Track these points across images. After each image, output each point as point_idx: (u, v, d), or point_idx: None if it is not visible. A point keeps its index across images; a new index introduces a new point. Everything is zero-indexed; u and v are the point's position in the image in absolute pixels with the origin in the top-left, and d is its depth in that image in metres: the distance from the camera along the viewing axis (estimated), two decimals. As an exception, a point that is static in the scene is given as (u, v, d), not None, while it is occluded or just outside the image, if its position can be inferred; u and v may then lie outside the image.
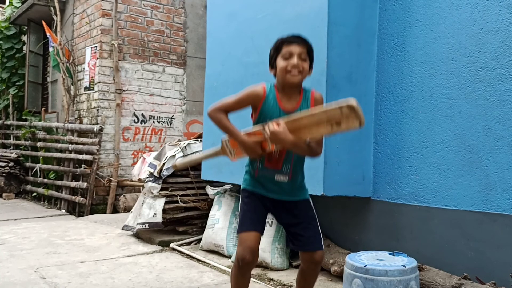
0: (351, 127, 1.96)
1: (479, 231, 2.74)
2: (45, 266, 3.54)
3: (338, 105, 1.94)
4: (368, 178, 3.34)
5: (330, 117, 1.96)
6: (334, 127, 1.97)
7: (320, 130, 2.02)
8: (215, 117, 2.23)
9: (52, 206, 7.12)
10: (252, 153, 2.18)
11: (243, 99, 2.21)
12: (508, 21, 2.67)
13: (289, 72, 2.14)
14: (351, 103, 1.91)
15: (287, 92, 2.21)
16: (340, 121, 1.95)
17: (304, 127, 2.04)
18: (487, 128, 2.73)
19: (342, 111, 1.93)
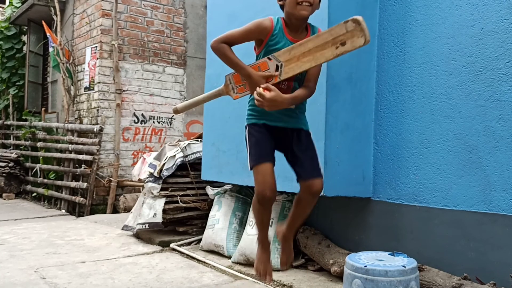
0: (356, 45, 1.93)
1: (479, 232, 2.74)
2: (45, 267, 3.54)
3: (342, 22, 1.93)
4: (368, 178, 3.34)
5: (335, 36, 1.94)
6: (340, 47, 1.95)
7: (324, 53, 1.99)
8: (219, 49, 2.19)
9: (52, 206, 7.13)
10: (257, 84, 2.15)
11: (250, 31, 2.18)
12: (508, 22, 2.67)
13: (299, 3, 2.09)
14: (355, 17, 1.90)
15: (294, 26, 2.18)
16: (345, 39, 1.92)
17: (309, 53, 2.02)
18: (487, 129, 2.73)
19: (347, 26, 1.91)
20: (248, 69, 2.16)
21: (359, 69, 3.27)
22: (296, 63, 2.07)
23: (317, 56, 2.01)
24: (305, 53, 2.02)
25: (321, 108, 3.07)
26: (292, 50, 2.05)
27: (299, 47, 2.05)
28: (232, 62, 2.19)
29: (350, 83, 3.21)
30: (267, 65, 2.11)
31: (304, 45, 2.03)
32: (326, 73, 3.06)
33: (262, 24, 2.16)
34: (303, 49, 2.03)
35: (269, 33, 2.15)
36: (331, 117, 3.09)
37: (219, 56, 2.22)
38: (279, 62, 2.09)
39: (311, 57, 2.02)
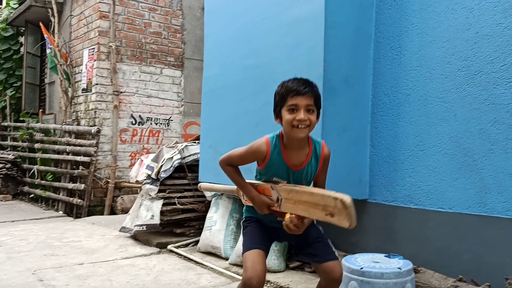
0: (341, 225, 1.87)
1: (474, 234, 2.76)
2: (42, 269, 3.55)
3: (334, 196, 1.87)
4: (364, 180, 3.37)
5: (325, 205, 1.91)
6: (328, 216, 1.90)
7: (315, 213, 1.96)
8: (226, 170, 2.22)
9: (49, 208, 7.12)
10: (259, 210, 2.17)
11: (247, 157, 2.16)
12: (502, 26, 2.70)
13: (295, 126, 2.01)
14: (344, 198, 1.83)
15: (294, 146, 2.11)
16: (333, 213, 1.88)
17: (303, 203, 2.00)
18: (482, 132, 2.76)
19: (336, 204, 1.86)
20: (252, 194, 2.16)
21: (355, 72, 3.29)
22: (292, 205, 2.05)
23: (310, 211, 1.98)
24: (301, 202, 2.00)
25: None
26: (291, 192, 2.03)
27: (296, 194, 2.02)
28: (238, 185, 2.21)
29: (347, 86, 3.23)
30: (270, 193, 2.12)
31: (301, 195, 2.00)
32: (323, 76, 3.07)
33: (257, 150, 2.12)
34: (299, 197, 2.01)
35: (266, 158, 2.11)
36: (328, 119, 3.11)
37: (227, 175, 2.23)
38: (279, 196, 2.09)
39: (305, 208, 1.99)
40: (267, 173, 2.15)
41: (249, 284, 2.05)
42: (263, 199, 2.15)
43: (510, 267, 2.57)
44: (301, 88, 2.01)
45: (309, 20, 3.18)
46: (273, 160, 2.10)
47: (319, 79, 3.08)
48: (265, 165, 2.12)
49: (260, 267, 2.08)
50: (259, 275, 2.06)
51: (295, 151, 2.11)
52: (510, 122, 2.63)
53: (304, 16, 3.22)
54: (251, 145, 2.15)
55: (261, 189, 2.17)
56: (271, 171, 2.13)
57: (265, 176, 2.17)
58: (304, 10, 3.22)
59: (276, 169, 2.11)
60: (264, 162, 2.12)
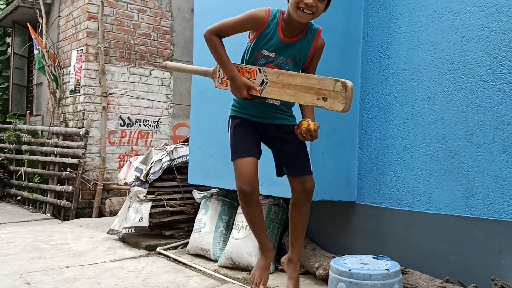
0: (334, 108, 1.92)
1: (461, 235, 2.80)
2: (30, 272, 3.52)
3: (334, 79, 1.90)
4: (353, 182, 3.39)
5: (321, 87, 1.92)
6: (320, 100, 1.93)
7: (306, 97, 1.97)
8: (211, 41, 2.13)
9: (37, 210, 7.06)
10: (237, 93, 2.11)
11: (243, 22, 2.11)
12: (489, 30, 2.73)
13: (300, 9, 1.97)
14: (347, 82, 1.88)
15: (291, 26, 2.08)
16: (328, 96, 1.91)
17: (294, 87, 1.99)
18: (468, 134, 2.79)
19: (335, 86, 1.89)
20: (234, 72, 2.11)
21: (344, 75, 3.29)
22: (279, 89, 2.04)
23: (299, 96, 1.99)
24: (290, 85, 1.99)
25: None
26: (282, 75, 2.02)
27: (288, 77, 2.01)
28: (221, 60, 2.14)
29: (335, 89, 3.25)
30: (255, 75, 2.07)
31: (293, 78, 2.00)
32: (312, 79, 3.09)
33: (257, 16, 2.08)
34: (290, 80, 1.99)
35: (262, 26, 2.07)
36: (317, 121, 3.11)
37: (210, 48, 2.16)
38: (266, 79, 2.05)
39: (293, 92, 1.99)
40: (256, 44, 2.09)
41: (240, 190, 2.12)
42: (244, 80, 2.08)
43: (496, 268, 2.61)
44: None
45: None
46: (268, 30, 2.06)
47: (308, 81, 3.11)
48: (259, 34, 2.07)
49: (250, 172, 2.11)
50: (248, 179, 2.10)
51: (291, 26, 2.08)
52: (496, 125, 2.67)
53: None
54: (250, 11, 2.10)
55: (244, 71, 2.10)
56: (261, 42, 2.07)
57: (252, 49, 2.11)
58: (293, 13, 3.24)
59: (267, 39, 2.06)
60: (259, 31, 2.07)
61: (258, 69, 2.06)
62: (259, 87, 2.06)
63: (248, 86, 2.09)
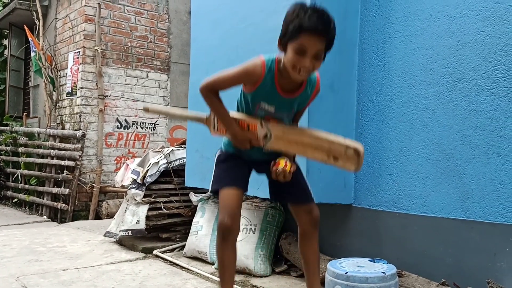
0: (346, 168, 1.92)
1: (457, 238, 2.81)
2: (26, 275, 3.52)
3: (346, 144, 1.90)
4: (349, 185, 3.40)
5: (332, 149, 1.91)
6: (330, 159, 1.92)
7: (315, 154, 1.95)
8: (207, 98, 2.06)
9: (33, 213, 7.05)
10: (239, 145, 2.04)
11: (239, 78, 2.02)
12: (484, 34, 2.75)
13: (296, 70, 1.87)
14: (359, 148, 1.87)
15: (288, 80, 1.98)
16: (339, 157, 1.90)
17: (302, 144, 1.96)
18: (464, 138, 2.81)
19: (347, 151, 1.89)
20: (235, 129, 2.01)
21: (341, 78, 3.33)
22: (284, 143, 2.00)
23: (307, 151, 1.97)
24: (298, 142, 1.97)
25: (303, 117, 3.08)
26: (287, 132, 1.97)
27: (295, 135, 1.98)
28: (220, 117, 2.05)
29: (332, 92, 3.27)
30: (257, 128, 2.01)
31: (301, 136, 1.97)
32: (308, 82, 3.10)
33: (252, 73, 1.97)
34: (298, 139, 1.96)
35: (258, 81, 1.96)
36: (313, 125, 3.12)
37: (207, 104, 2.09)
38: (269, 133, 1.99)
39: (301, 148, 1.97)
40: (254, 97, 2.01)
41: (221, 222, 1.98)
42: (246, 135, 2.00)
43: (492, 271, 2.62)
44: (319, 27, 1.80)
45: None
46: (265, 85, 1.96)
47: (304, 85, 3.12)
48: (256, 89, 1.98)
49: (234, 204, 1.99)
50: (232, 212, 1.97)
51: (288, 81, 1.98)
52: (491, 128, 2.68)
53: (290, 23, 3.24)
54: (245, 65, 2.00)
55: (245, 125, 2.03)
56: (260, 95, 1.99)
57: (250, 101, 2.03)
58: (290, 17, 3.25)
59: (265, 94, 1.97)
60: (255, 85, 1.97)
61: (260, 123, 2.00)
62: (263, 139, 2.01)
63: (251, 141, 2.03)
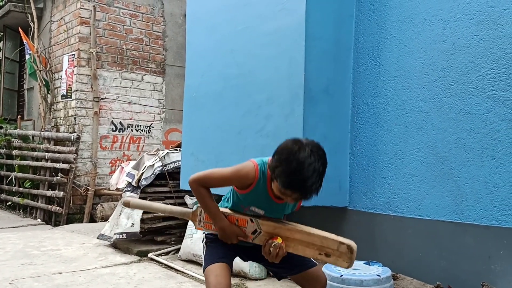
0: (338, 265, 1.89)
1: (451, 241, 2.82)
2: (20, 278, 3.50)
3: (339, 240, 1.87)
4: (344, 188, 3.41)
5: (324, 245, 1.88)
6: (322, 255, 1.89)
7: (306, 251, 1.92)
8: (198, 192, 2.00)
9: (27, 216, 7.01)
10: (227, 240, 1.99)
11: (231, 180, 1.98)
12: (478, 37, 2.77)
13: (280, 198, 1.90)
14: (352, 244, 1.85)
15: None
16: (331, 253, 1.88)
17: (292, 240, 1.93)
18: (458, 141, 2.82)
19: (340, 247, 1.86)
20: (223, 223, 1.97)
21: (336, 82, 3.34)
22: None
23: (298, 248, 1.92)
24: (289, 239, 1.92)
25: (298, 120, 3.13)
26: (278, 228, 1.94)
27: (286, 231, 1.93)
28: (209, 210, 1.99)
29: (327, 95, 3.27)
30: (246, 224, 1.98)
31: (291, 233, 1.93)
32: (304, 86, 3.11)
33: (246, 177, 1.93)
34: (288, 234, 1.93)
35: (251, 186, 1.94)
36: (309, 128, 3.14)
37: (197, 197, 2.03)
38: (259, 228, 1.96)
39: (292, 245, 1.92)
40: (246, 199, 1.99)
41: None
42: (235, 230, 1.98)
43: (486, 274, 2.63)
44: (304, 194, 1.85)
45: (290, 31, 3.22)
46: (258, 188, 1.95)
47: (300, 88, 3.13)
48: (249, 192, 1.96)
49: (225, 281, 1.93)
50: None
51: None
52: (485, 131, 2.70)
53: (285, 27, 3.26)
54: (238, 169, 1.96)
55: (233, 219, 2.01)
56: (251, 199, 1.98)
57: (242, 202, 2.01)
58: (285, 21, 3.26)
59: (257, 198, 1.97)
60: (249, 189, 1.96)
61: (250, 219, 1.97)
62: (252, 234, 1.97)
63: (239, 236, 1.98)
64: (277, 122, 3.28)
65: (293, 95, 3.18)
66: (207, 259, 2.03)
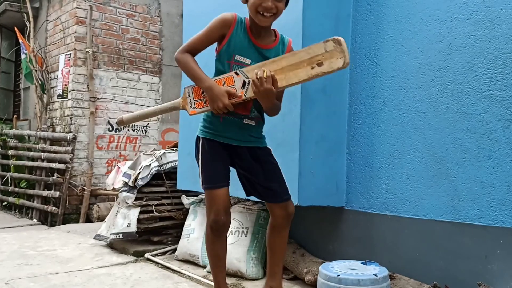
0: (334, 67, 1.81)
1: (448, 241, 2.82)
2: (16, 279, 3.48)
3: (322, 41, 1.80)
4: (341, 188, 3.41)
5: (312, 55, 1.81)
6: (315, 68, 1.81)
7: (298, 73, 1.84)
8: (181, 59, 2.01)
9: (23, 216, 6.98)
10: (219, 103, 1.94)
11: (211, 29, 1.99)
12: (475, 38, 2.77)
13: (260, 13, 1.93)
14: (337, 37, 1.79)
15: (257, 30, 2.02)
16: (323, 60, 1.79)
17: (281, 71, 1.85)
18: (455, 141, 2.83)
19: (326, 46, 1.79)
20: (210, 82, 1.95)
21: (333, 81, 3.33)
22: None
23: (290, 76, 1.86)
24: (277, 71, 1.86)
25: (295, 120, 3.13)
26: (263, 66, 1.89)
27: (271, 64, 1.89)
28: (193, 73, 1.99)
29: (324, 95, 3.27)
30: (233, 80, 1.93)
31: (277, 63, 1.87)
32: (301, 85, 3.11)
33: (223, 18, 1.99)
34: (276, 66, 1.86)
35: (231, 28, 1.96)
36: (306, 128, 3.14)
37: (182, 68, 2.05)
38: (246, 78, 1.90)
39: (283, 76, 1.86)
40: (228, 50, 1.97)
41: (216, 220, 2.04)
42: (223, 88, 1.93)
43: (483, 274, 2.64)
44: None
45: (287, 30, 3.18)
46: (238, 34, 1.96)
47: (296, 87, 3.12)
48: (229, 39, 1.96)
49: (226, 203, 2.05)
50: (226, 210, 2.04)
51: (260, 33, 2.02)
52: (482, 131, 2.70)
53: (282, 27, 3.22)
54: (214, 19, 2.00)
55: (220, 82, 1.95)
56: (233, 46, 1.96)
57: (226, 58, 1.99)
58: (282, 21, 3.21)
59: (240, 45, 1.96)
60: (228, 36, 1.96)
61: (235, 73, 1.93)
62: (242, 89, 1.91)
63: (228, 93, 1.94)
64: (274, 122, 3.25)
65: (290, 94, 3.16)
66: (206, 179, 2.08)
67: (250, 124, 2.11)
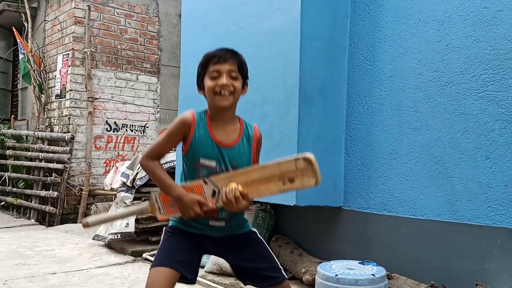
0: (306, 185, 1.75)
1: (445, 240, 2.83)
2: (14, 279, 3.48)
3: (293, 158, 1.74)
4: (339, 188, 3.41)
5: (283, 171, 1.75)
6: (287, 184, 1.75)
7: (270, 187, 1.78)
8: (147, 166, 1.90)
9: (21, 216, 6.98)
10: (190, 212, 1.82)
11: (173, 131, 1.89)
12: (472, 38, 2.78)
13: (217, 93, 1.85)
14: (307, 155, 1.73)
15: (221, 120, 1.91)
16: (294, 177, 1.75)
17: (252, 183, 1.79)
18: (452, 141, 2.84)
19: (297, 165, 1.73)
20: (178, 191, 1.84)
21: (331, 82, 3.34)
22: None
23: (261, 189, 1.79)
24: (248, 183, 1.79)
25: (293, 120, 3.13)
26: (233, 177, 1.81)
27: (241, 176, 1.81)
28: (161, 182, 1.87)
29: (322, 95, 3.28)
30: (202, 189, 1.85)
31: (247, 175, 1.80)
32: (299, 86, 3.12)
33: (182, 119, 1.89)
34: (246, 178, 1.79)
35: (191, 127, 1.87)
36: (304, 128, 3.15)
37: (148, 175, 1.95)
38: (216, 188, 1.83)
39: (254, 189, 1.79)
40: (193, 154, 1.88)
41: None
42: (193, 196, 1.82)
43: (480, 273, 2.65)
44: (223, 53, 1.91)
45: (285, 30, 3.22)
46: (199, 135, 1.87)
47: (295, 88, 3.13)
48: (190, 143, 1.86)
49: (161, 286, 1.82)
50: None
51: (222, 126, 1.91)
52: (479, 131, 2.71)
53: (280, 27, 3.26)
54: (174, 121, 1.92)
55: (188, 190, 1.86)
56: (197, 151, 1.87)
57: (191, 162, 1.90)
58: (280, 21, 3.27)
59: (203, 147, 1.86)
60: (190, 137, 1.86)
61: (203, 181, 1.85)
62: (212, 198, 1.83)
63: (199, 202, 1.82)
64: (272, 122, 3.28)
65: (288, 95, 3.18)
66: (156, 257, 1.90)
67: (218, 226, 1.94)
